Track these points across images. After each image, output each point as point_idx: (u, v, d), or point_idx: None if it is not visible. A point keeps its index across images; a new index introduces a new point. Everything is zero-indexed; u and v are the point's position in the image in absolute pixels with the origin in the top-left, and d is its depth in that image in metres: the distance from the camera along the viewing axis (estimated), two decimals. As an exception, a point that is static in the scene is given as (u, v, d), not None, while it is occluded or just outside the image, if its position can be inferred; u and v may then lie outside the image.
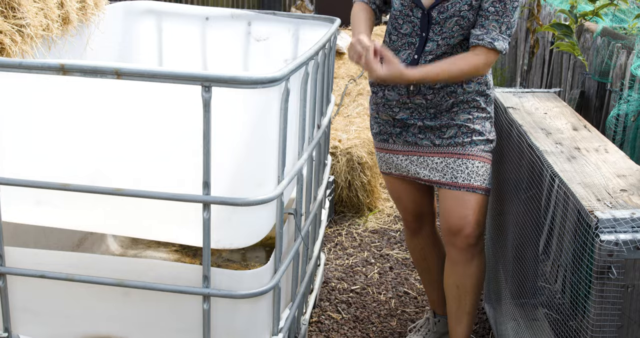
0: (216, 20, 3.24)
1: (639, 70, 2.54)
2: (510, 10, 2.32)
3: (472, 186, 2.46)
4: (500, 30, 2.33)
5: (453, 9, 2.35)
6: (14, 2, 2.17)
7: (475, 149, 2.46)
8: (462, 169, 2.46)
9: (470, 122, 2.47)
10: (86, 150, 1.96)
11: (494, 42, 2.32)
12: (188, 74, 1.77)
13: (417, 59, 2.43)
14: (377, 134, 2.64)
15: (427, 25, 2.40)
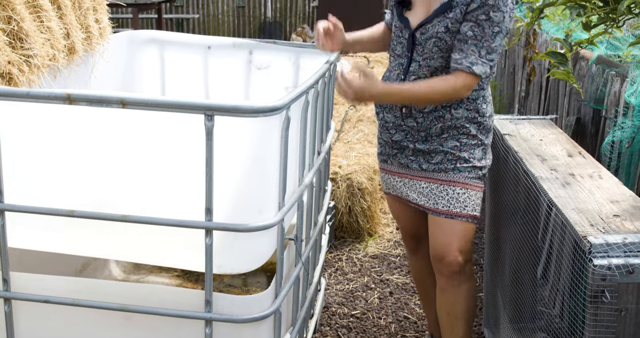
0: (218, 49, 3.30)
1: (632, 97, 2.59)
2: (490, 35, 2.34)
3: (452, 213, 2.50)
4: (479, 55, 2.34)
5: (432, 31, 2.42)
6: (22, 33, 2.23)
7: (458, 175, 2.50)
8: (442, 195, 2.51)
9: (457, 149, 2.51)
10: (91, 177, 2.00)
11: (472, 66, 2.33)
12: (191, 103, 1.81)
13: (403, 79, 2.50)
14: (379, 154, 2.73)
15: (412, 45, 2.47)
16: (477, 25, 2.33)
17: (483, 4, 2.31)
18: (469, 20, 2.34)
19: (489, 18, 2.32)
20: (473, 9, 2.33)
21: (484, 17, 2.32)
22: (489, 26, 2.33)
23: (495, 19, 2.33)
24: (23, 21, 2.23)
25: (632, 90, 2.62)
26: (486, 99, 2.52)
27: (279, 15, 14.44)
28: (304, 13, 14.38)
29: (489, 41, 2.34)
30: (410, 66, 2.49)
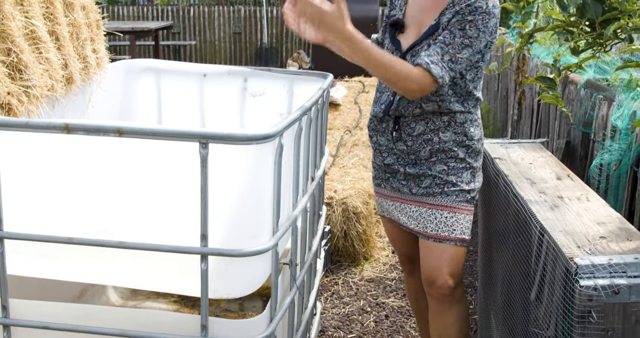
0: (213, 76, 3.36)
1: (618, 120, 2.65)
2: (459, 44, 2.37)
3: (440, 236, 2.54)
4: (441, 57, 2.36)
5: (422, 52, 2.47)
6: (21, 64, 2.28)
7: (446, 199, 2.55)
8: (431, 219, 2.56)
9: (445, 173, 2.56)
10: (88, 204, 2.04)
11: (431, 64, 2.33)
12: (186, 132, 1.86)
13: (392, 100, 2.55)
14: (374, 178, 2.78)
15: None
16: (449, 32, 2.39)
17: (463, 18, 2.38)
18: (445, 29, 2.42)
19: (463, 29, 2.38)
20: (453, 21, 2.41)
21: (459, 27, 2.38)
22: (460, 36, 2.37)
23: (469, 33, 2.38)
24: (22, 53, 2.28)
25: (618, 114, 2.68)
26: (474, 122, 2.56)
27: (275, 41, 14.57)
28: (300, 38, 14.50)
29: (455, 49, 2.37)
30: None
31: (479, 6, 2.37)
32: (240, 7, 14.76)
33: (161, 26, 10.94)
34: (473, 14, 2.37)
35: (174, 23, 14.21)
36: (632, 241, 1.98)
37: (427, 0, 2.53)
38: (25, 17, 2.38)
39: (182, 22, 14.72)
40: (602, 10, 3.08)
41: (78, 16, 2.79)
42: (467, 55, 2.40)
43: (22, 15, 2.36)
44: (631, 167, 2.58)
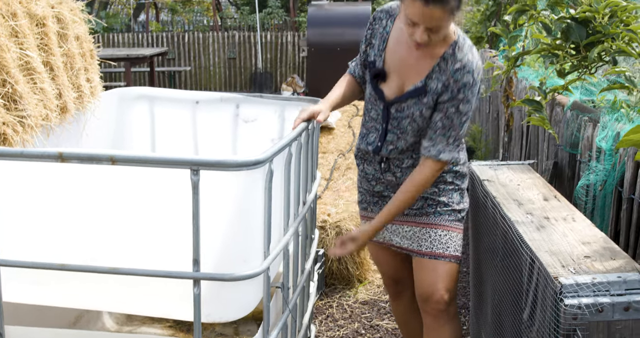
0: (206, 103, 3.41)
1: (603, 142, 2.70)
2: (458, 125, 2.44)
3: (435, 254, 2.59)
4: (447, 143, 2.44)
5: (408, 111, 2.50)
6: (16, 95, 2.33)
7: (439, 218, 2.60)
8: (425, 237, 2.61)
9: (436, 194, 2.61)
10: (82, 231, 2.08)
11: (440, 154, 2.44)
12: (178, 159, 1.90)
13: (380, 147, 2.59)
14: (360, 202, 2.81)
15: (387, 118, 2.56)
16: (446, 117, 2.43)
17: (453, 97, 2.40)
18: (440, 111, 2.44)
19: (458, 110, 2.42)
20: (444, 100, 2.43)
21: (454, 110, 2.42)
22: (458, 117, 2.43)
23: (464, 110, 2.42)
24: (17, 84, 2.33)
25: (603, 135, 2.73)
26: (459, 147, 2.61)
27: (269, 65, 14.67)
28: (294, 63, 14.62)
29: (457, 130, 2.45)
30: (387, 136, 2.57)
31: (466, 82, 2.40)
32: (234, 33, 14.88)
33: (156, 53, 11.04)
34: (462, 91, 2.40)
35: (168, 49, 14.32)
36: (616, 260, 2.02)
37: (409, 54, 2.50)
38: (20, 48, 2.43)
39: (177, 48, 14.83)
40: (586, 34, 3.15)
41: (72, 46, 2.84)
42: (466, 126, 2.50)
43: (17, 46, 2.42)
44: (616, 187, 2.63)
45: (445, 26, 2.31)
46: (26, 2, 2.56)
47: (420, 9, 2.22)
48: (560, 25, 3.22)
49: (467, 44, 2.46)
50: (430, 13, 2.23)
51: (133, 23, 17.71)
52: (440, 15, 2.24)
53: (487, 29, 5.25)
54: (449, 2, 2.22)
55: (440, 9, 2.22)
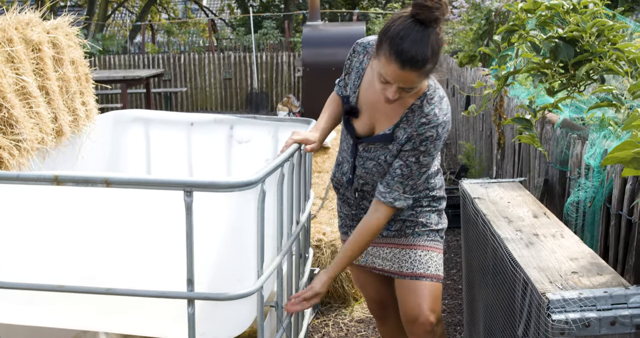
0: (200, 125, 3.46)
1: (591, 159, 2.74)
2: (417, 175, 2.43)
3: (416, 274, 2.61)
4: (403, 191, 2.44)
5: (374, 154, 2.52)
6: (12, 119, 2.37)
7: (418, 239, 2.62)
8: (405, 258, 2.63)
9: (414, 216, 2.63)
10: (78, 252, 2.12)
11: (395, 201, 2.44)
12: (171, 181, 1.94)
13: (352, 179, 2.62)
14: (340, 226, 2.83)
15: (355, 154, 2.59)
16: (406, 165, 2.42)
17: (415, 148, 2.40)
18: (400, 159, 2.44)
19: (418, 161, 2.41)
20: (406, 149, 2.42)
21: (414, 160, 2.41)
22: (417, 168, 2.42)
23: (424, 162, 2.42)
24: (13, 108, 2.38)
25: (591, 152, 2.77)
26: (433, 173, 2.62)
27: (264, 85, 14.76)
28: (289, 83, 14.71)
29: (415, 180, 2.45)
30: (356, 171, 2.59)
31: (429, 136, 2.39)
32: (230, 53, 14.98)
33: (152, 74, 11.11)
34: (424, 144, 2.40)
35: (165, 70, 14.41)
36: (603, 275, 2.05)
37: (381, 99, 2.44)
38: (16, 73, 2.47)
39: (172, 70, 14.92)
40: (574, 53, 3.20)
41: (67, 71, 2.89)
42: (425, 176, 2.51)
43: (13, 72, 2.46)
44: (604, 204, 2.67)
45: (418, 85, 2.31)
46: (22, 28, 2.61)
47: (395, 71, 2.21)
48: (549, 45, 3.27)
49: (437, 95, 2.44)
50: (405, 76, 2.22)
51: (129, 45, 17.81)
52: (415, 78, 2.23)
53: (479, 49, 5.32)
54: (425, 66, 2.21)
55: (416, 73, 2.21)
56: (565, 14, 3.34)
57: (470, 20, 8.26)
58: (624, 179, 2.50)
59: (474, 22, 8.10)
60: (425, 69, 2.22)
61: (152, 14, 25.40)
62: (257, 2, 21.52)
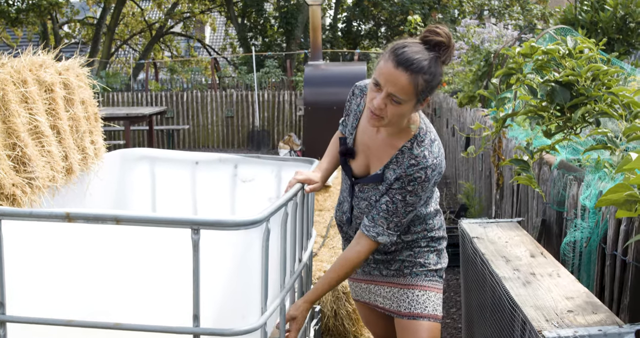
0: (205, 164, 3.53)
1: (587, 200, 2.81)
2: (402, 213, 2.47)
3: (414, 314, 2.64)
4: (387, 227, 2.48)
5: (367, 194, 2.59)
6: (25, 157, 2.45)
7: (416, 279, 2.66)
8: (403, 298, 2.67)
9: (412, 256, 2.67)
10: (87, 288, 2.17)
11: (378, 236, 2.49)
12: (179, 219, 2.01)
13: (350, 218, 2.68)
14: None
15: (352, 194, 2.66)
16: (392, 202, 2.47)
17: (403, 187, 2.45)
18: (387, 195, 2.49)
19: (405, 200, 2.46)
20: (394, 187, 2.47)
21: (400, 198, 2.46)
22: (403, 206, 2.47)
23: (410, 202, 2.47)
24: (26, 147, 2.45)
25: (587, 194, 2.84)
26: (431, 214, 2.66)
27: (266, 124, 14.88)
28: (291, 121, 14.84)
29: (400, 217, 2.48)
30: (353, 211, 2.67)
31: (417, 176, 2.44)
32: (232, 92, 15.13)
33: (155, 111, 11.22)
34: (412, 184, 2.44)
35: (167, 108, 14.54)
36: (597, 314, 2.11)
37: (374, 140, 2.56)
38: (29, 113, 2.56)
39: (175, 107, 15.06)
40: (570, 96, 3.29)
41: (78, 110, 2.98)
42: (411, 215, 2.54)
43: (26, 112, 2.54)
44: (599, 244, 2.73)
45: (405, 101, 2.31)
46: (36, 69, 2.70)
47: (389, 70, 2.26)
48: (546, 88, 3.36)
49: (428, 138, 2.49)
50: (396, 76, 2.25)
51: (132, 82, 18.01)
52: (404, 83, 2.25)
53: (478, 91, 5.43)
54: (418, 74, 2.25)
55: (407, 76, 2.24)
56: (561, 58, 3.44)
57: (470, 62, 8.40)
58: (618, 220, 2.56)
59: (474, 63, 8.23)
60: (417, 77, 2.26)
61: (155, 51, 25.69)
62: (259, 41, 21.79)
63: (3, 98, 2.41)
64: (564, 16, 7.42)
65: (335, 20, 22.71)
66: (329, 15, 23.94)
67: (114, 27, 21.95)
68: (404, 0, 19.94)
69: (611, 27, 6.82)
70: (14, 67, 2.56)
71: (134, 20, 26.14)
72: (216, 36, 32.13)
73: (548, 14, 20.73)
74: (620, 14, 6.77)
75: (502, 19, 20.87)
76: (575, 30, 5.94)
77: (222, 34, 28.74)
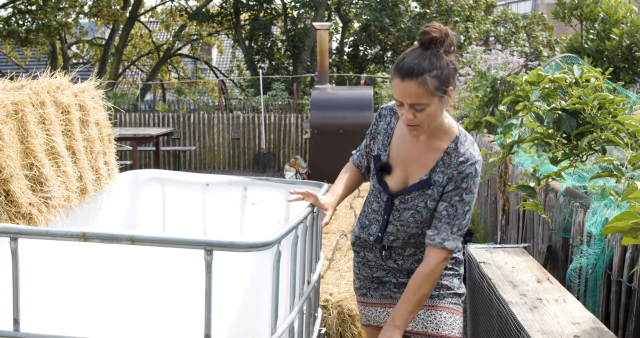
0: (215, 186, 3.57)
1: (592, 227, 2.84)
2: (462, 214, 2.52)
3: (441, 335, 2.65)
4: (451, 232, 2.51)
5: (412, 203, 2.60)
6: (42, 177, 2.50)
7: (443, 301, 2.67)
8: (430, 319, 2.66)
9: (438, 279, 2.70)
10: (101, 305, 2.21)
11: (444, 242, 2.50)
12: (193, 240, 2.05)
13: (381, 237, 2.69)
14: (358, 288, 2.85)
15: (390, 209, 2.68)
16: (451, 206, 2.52)
17: (458, 186, 2.52)
18: (444, 201, 2.54)
19: (462, 199, 2.52)
20: (448, 190, 2.53)
21: (457, 199, 2.52)
22: (461, 206, 2.52)
23: (467, 200, 2.53)
24: (43, 167, 2.51)
25: (592, 221, 2.88)
26: (461, 237, 2.70)
27: (272, 146, 14.95)
28: (297, 144, 14.90)
29: (460, 219, 2.53)
30: (388, 227, 2.66)
31: (469, 173, 2.52)
32: (239, 114, 15.22)
33: (162, 132, 11.29)
34: (465, 180, 2.52)
35: (174, 129, 14.62)
36: (603, 340, 2.14)
37: (414, 148, 2.62)
38: (46, 134, 2.61)
39: (182, 128, 15.14)
40: (577, 124, 3.33)
41: (92, 131, 3.03)
42: (469, 216, 2.59)
43: (44, 132, 2.60)
44: (605, 271, 2.76)
45: (428, 104, 2.40)
46: (53, 91, 2.76)
47: (399, 86, 2.38)
48: (552, 116, 3.40)
49: (469, 139, 2.59)
50: (406, 87, 2.36)
51: (140, 103, 18.12)
52: (416, 90, 2.36)
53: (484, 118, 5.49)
54: (423, 76, 2.34)
55: (415, 83, 2.35)
56: (568, 87, 3.49)
57: (476, 88, 8.47)
58: (624, 247, 2.60)
59: (480, 90, 8.30)
60: (424, 78, 2.35)
61: (163, 73, 25.86)
62: (266, 64, 21.95)
63: (22, 119, 2.46)
64: (570, 44, 7.50)
65: (342, 45, 22.89)
66: (335, 39, 24.14)
67: (122, 48, 22.12)
68: (410, 25, 20.11)
69: (617, 56, 6.89)
70: (33, 89, 2.62)
71: (142, 42, 26.34)
72: (223, 58, 32.36)
73: (554, 41, 20.88)
74: (626, 43, 6.84)
75: (508, 45, 21.00)
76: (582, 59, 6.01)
77: (229, 56, 28.95)
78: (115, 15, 20.93)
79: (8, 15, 20.07)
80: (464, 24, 21.01)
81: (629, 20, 7.09)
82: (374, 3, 20.49)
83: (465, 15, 21.16)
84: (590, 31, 7.34)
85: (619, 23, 7.14)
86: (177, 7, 24.47)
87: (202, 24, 23.52)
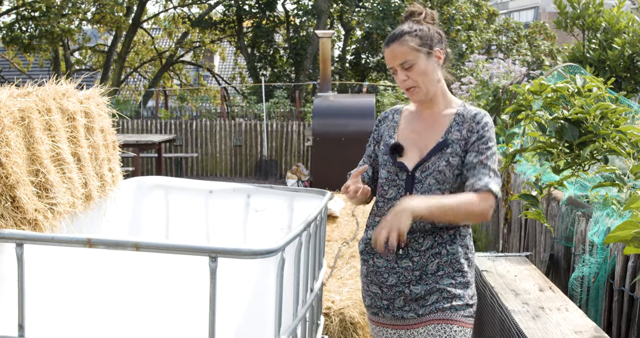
0: (219, 193, 3.58)
1: (595, 236, 2.85)
2: (491, 157, 2.57)
3: None
4: (489, 175, 2.52)
5: (433, 167, 2.59)
6: (48, 184, 2.51)
7: (455, 314, 2.58)
8: (440, 333, 2.58)
9: (453, 286, 2.62)
10: (103, 312, 2.22)
11: (488, 184, 2.49)
12: (197, 247, 2.06)
13: None
14: (369, 306, 2.76)
15: (412, 184, 2.65)
16: (480, 153, 2.56)
17: (481, 136, 2.58)
18: (472, 150, 2.58)
19: (489, 147, 2.57)
20: (472, 141, 2.58)
21: (485, 146, 2.57)
22: (489, 151, 2.57)
23: (491, 146, 2.59)
24: (49, 173, 2.52)
25: (595, 230, 2.89)
26: (471, 235, 2.70)
27: (274, 153, 14.97)
28: (299, 152, 14.92)
29: (492, 164, 2.57)
30: None
31: (487, 121, 2.61)
32: (241, 121, 15.25)
33: (165, 139, 11.31)
34: (486, 128, 2.59)
35: (176, 136, 14.65)
36: (605, 349, 2.15)
37: (420, 125, 2.69)
38: (52, 140, 2.62)
39: (184, 135, 15.17)
40: (579, 133, 3.35)
41: (97, 138, 3.04)
42: (496, 163, 2.63)
43: (49, 139, 2.61)
44: (607, 280, 2.77)
45: (414, 61, 2.56)
46: (59, 98, 2.78)
47: (386, 52, 2.60)
48: (555, 125, 3.42)
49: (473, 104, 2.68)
50: (392, 51, 2.57)
51: (142, 109, 18.15)
52: (399, 49, 2.56)
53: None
54: (403, 37, 2.56)
55: (397, 44, 2.56)
56: (570, 96, 3.51)
57: (478, 97, 8.49)
58: (626, 257, 2.61)
59: (482, 98, 8.32)
60: (404, 38, 2.57)
61: (165, 79, 25.92)
62: (269, 72, 22.00)
63: (28, 126, 2.48)
64: (572, 54, 7.52)
65: (344, 52, 22.95)
66: (338, 47, 24.19)
67: (124, 54, 22.19)
68: (412, 34, 20.11)
69: (619, 66, 6.90)
70: (39, 96, 2.64)
71: (145, 49, 26.42)
72: (225, 65, 32.42)
73: (556, 50, 20.91)
74: (628, 52, 6.86)
75: (510, 54, 21.04)
76: (584, 68, 6.03)
77: (232, 63, 29.01)
78: (118, 22, 21.01)
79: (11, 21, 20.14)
80: (466, 33, 21.06)
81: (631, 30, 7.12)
82: (376, 11, 20.55)
83: (467, 24, 21.21)
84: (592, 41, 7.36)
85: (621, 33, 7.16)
86: (180, 14, 24.56)
87: (205, 31, 23.59)
